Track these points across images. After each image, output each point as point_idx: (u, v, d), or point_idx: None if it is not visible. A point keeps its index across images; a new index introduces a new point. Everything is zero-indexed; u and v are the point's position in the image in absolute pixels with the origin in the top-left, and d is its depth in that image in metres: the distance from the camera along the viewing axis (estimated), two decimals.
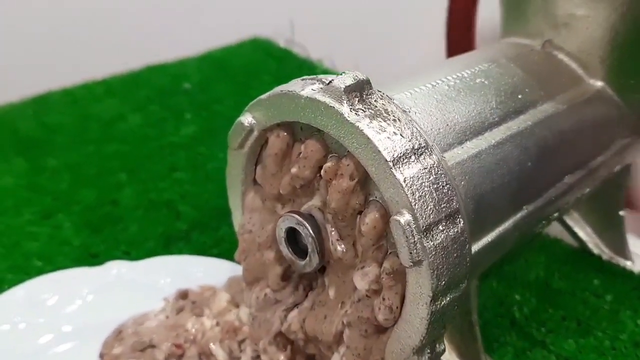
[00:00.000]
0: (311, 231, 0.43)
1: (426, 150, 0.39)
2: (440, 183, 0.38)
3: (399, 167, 0.37)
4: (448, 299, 0.39)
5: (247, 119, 0.45)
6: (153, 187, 0.71)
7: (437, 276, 0.38)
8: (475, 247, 0.42)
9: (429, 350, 0.42)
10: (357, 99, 0.39)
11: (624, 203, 0.64)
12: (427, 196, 0.38)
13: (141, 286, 0.56)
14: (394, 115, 0.39)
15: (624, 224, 0.65)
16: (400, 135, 0.38)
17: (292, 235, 0.45)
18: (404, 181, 0.37)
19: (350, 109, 0.39)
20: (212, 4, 1.06)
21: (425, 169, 0.38)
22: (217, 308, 0.52)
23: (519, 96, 0.48)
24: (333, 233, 0.43)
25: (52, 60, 0.95)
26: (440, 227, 0.38)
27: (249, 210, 0.50)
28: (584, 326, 0.59)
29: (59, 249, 0.62)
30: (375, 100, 0.40)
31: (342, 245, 0.42)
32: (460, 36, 1.11)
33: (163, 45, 0.93)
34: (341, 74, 0.40)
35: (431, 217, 0.38)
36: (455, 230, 0.39)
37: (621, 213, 0.64)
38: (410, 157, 0.38)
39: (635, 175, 0.65)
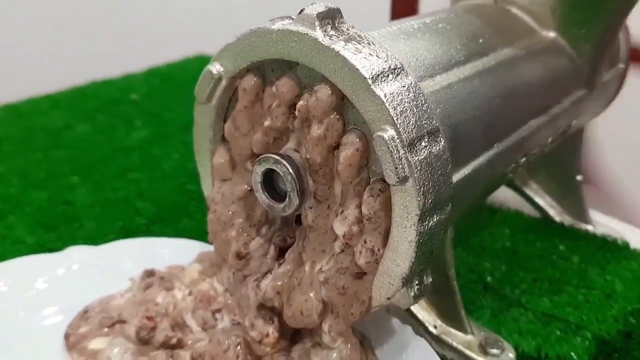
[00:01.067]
0: (290, 169, 0.42)
1: (402, 71, 0.39)
2: (419, 101, 0.38)
3: (378, 84, 0.37)
4: (435, 219, 0.39)
5: (215, 67, 0.44)
6: (108, 187, 0.68)
7: (423, 193, 0.37)
8: (453, 178, 0.42)
9: (417, 282, 0.41)
10: (329, 26, 0.39)
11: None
12: (408, 112, 0.38)
13: (104, 270, 0.53)
14: (367, 40, 0.39)
15: (582, 189, 0.67)
16: (377, 56, 0.38)
17: (269, 182, 0.44)
18: (385, 97, 0.37)
19: (324, 34, 0.39)
20: (155, 22, 1.06)
21: (403, 87, 0.38)
22: (189, 278, 0.50)
23: (480, 40, 0.49)
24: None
25: None
26: (423, 143, 0.38)
27: (219, 178, 0.48)
28: (555, 285, 0.59)
29: (13, 247, 0.59)
30: (347, 29, 0.40)
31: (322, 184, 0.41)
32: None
33: (106, 62, 0.92)
34: (311, 5, 0.40)
35: (414, 132, 0.37)
36: (438, 148, 0.39)
37: (578, 178, 0.66)
38: (388, 75, 0.38)
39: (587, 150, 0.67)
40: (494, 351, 0.50)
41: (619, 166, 0.77)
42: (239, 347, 0.45)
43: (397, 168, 0.37)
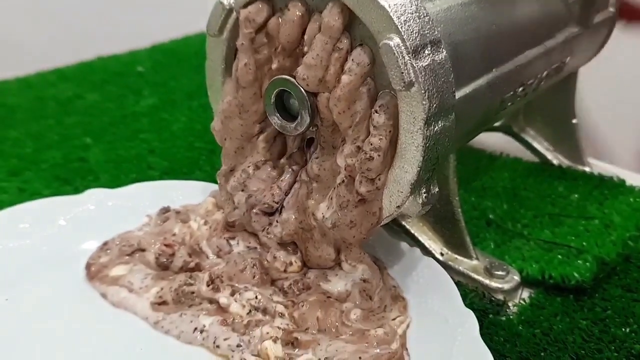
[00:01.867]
0: (301, 88, 0.44)
1: None
2: (421, 12, 0.41)
3: None
4: (440, 125, 0.41)
5: None
6: (120, 146, 0.71)
7: (428, 97, 0.40)
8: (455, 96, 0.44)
9: (424, 189, 0.44)
10: None
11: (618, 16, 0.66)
12: (411, 21, 0.40)
13: (122, 210, 0.55)
14: None
15: (578, 133, 0.69)
16: None
17: (281, 104, 0.46)
18: (389, 7, 0.39)
19: None
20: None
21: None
22: (204, 209, 0.52)
23: None
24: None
25: (1, 52, 0.94)
26: (427, 52, 0.40)
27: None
28: (556, 219, 0.61)
29: (30, 199, 0.60)
30: None
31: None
32: None
33: (111, 40, 0.94)
34: None
35: (417, 39, 0.40)
36: (440, 57, 0.41)
37: (573, 121, 0.68)
38: None
39: None
40: (500, 273, 0.52)
41: (596, 109, 0.79)
42: (254, 267, 0.47)
43: (402, 73, 0.39)
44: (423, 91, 0.39)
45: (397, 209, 0.44)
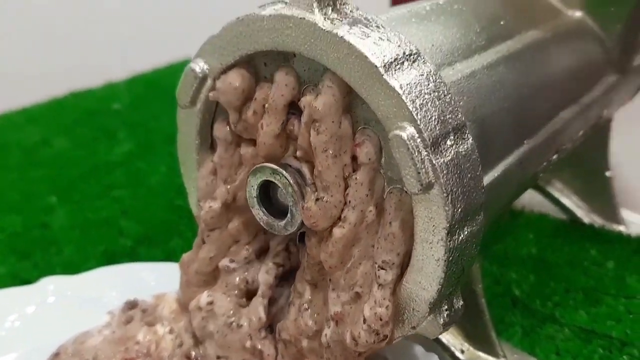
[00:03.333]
0: (290, 179, 0.35)
1: (419, 58, 0.33)
2: (441, 92, 0.32)
3: (392, 74, 0.31)
4: (466, 232, 0.33)
5: (198, 65, 0.38)
6: (89, 207, 0.62)
7: (452, 201, 0.31)
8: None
9: (446, 306, 0.35)
10: (329, 8, 0.33)
11: None
12: (429, 104, 0.31)
13: (83, 303, 0.47)
14: (375, 23, 0.33)
15: (612, 187, 0.61)
16: (388, 40, 0.32)
17: (266, 196, 0.38)
18: (401, 88, 0.31)
19: (325, 17, 0.33)
20: (138, 27, 1.00)
21: (422, 75, 0.32)
22: (168, 310, 0.44)
23: (501, 22, 0.43)
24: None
25: None
26: (449, 142, 0.32)
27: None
28: (591, 295, 0.53)
29: None
30: (350, 11, 0.34)
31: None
32: None
33: (86, 71, 0.86)
34: None
35: (437, 129, 0.31)
36: (466, 146, 0.32)
37: (607, 174, 0.60)
38: (402, 62, 0.32)
39: None
40: None
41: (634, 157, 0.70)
42: None
43: (419, 173, 0.31)
44: (445, 194, 0.31)
45: (412, 330, 0.35)
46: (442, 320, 0.35)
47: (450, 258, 0.32)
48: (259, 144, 0.37)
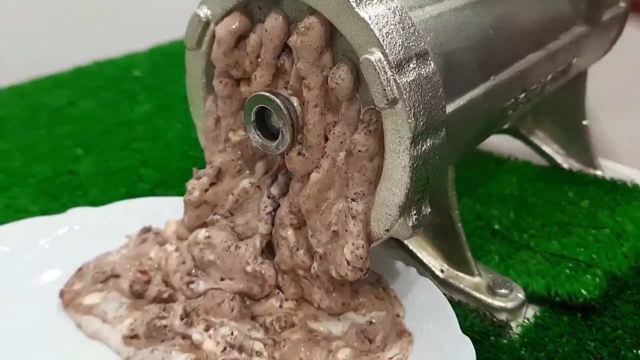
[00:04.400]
0: (281, 105, 0.41)
1: None
2: (406, 23, 0.38)
3: (362, 7, 0.37)
4: (428, 143, 0.38)
5: (202, 10, 0.44)
6: (112, 157, 0.68)
7: (414, 115, 0.37)
8: (448, 109, 0.41)
9: (415, 211, 0.41)
10: None
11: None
12: (394, 33, 0.37)
13: (106, 230, 0.53)
14: None
15: (589, 134, 0.65)
16: None
17: (261, 121, 0.44)
18: (370, 19, 0.36)
19: None
20: (158, 2, 1.06)
21: (389, 9, 0.38)
22: (169, 232, 0.50)
23: None
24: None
25: None
26: (412, 65, 0.37)
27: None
28: (564, 228, 0.58)
29: (16, 216, 0.58)
30: None
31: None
32: None
33: (109, 42, 0.92)
34: None
35: (401, 53, 0.37)
36: (427, 70, 0.38)
37: (584, 123, 0.65)
38: None
39: None
40: (503, 291, 0.49)
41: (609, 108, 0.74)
42: (233, 300, 0.45)
43: (385, 90, 0.36)
44: (408, 108, 0.37)
45: (386, 232, 0.41)
46: (411, 223, 0.40)
47: (415, 165, 0.38)
48: (252, 88, 0.43)
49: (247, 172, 0.48)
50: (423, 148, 0.38)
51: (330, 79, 0.39)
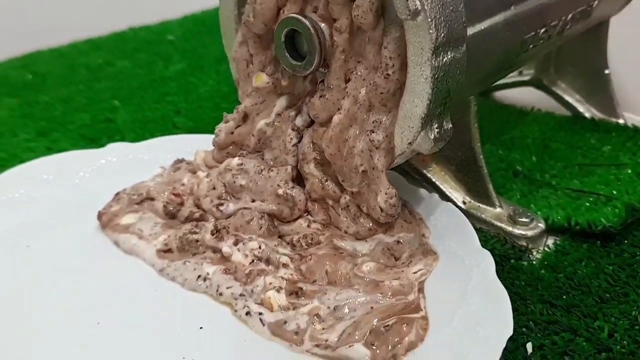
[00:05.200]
0: (310, 26, 0.43)
1: None
2: None
3: None
4: (449, 55, 0.40)
5: None
6: (147, 108, 0.71)
7: (435, 26, 0.39)
8: (468, 32, 0.43)
9: (436, 125, 0.42)
10: None
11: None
12: None
13: (143, 163, 0.56)
14: None
15: (611, 84, 0.66)
16: None
17: (291, 44, 0.46)
18: None
19: None
20: None
21: None
22: (199, 159, 0.52)
23: None
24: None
25: (36, 24, 0.96)
26: None
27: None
28: (586, 169, 0.59)
29: None
30: None
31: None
32: None
33: (143, 10, 0.96)
34: None
35: None
36: None
37: (606, 72, 0.66)
38: None
39: None
40: (524, 220, 0.51)
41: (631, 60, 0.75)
42: (262, 219, 0.47)
43: (407, 1, 0.38)
44: (430, 19, 0.38)
45: (409, 146, 0.43)
46: (432, 135, 0.42)
47: (436, 75, 0.40)
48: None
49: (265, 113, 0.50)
50: (444, 60, 0.40)
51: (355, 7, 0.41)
